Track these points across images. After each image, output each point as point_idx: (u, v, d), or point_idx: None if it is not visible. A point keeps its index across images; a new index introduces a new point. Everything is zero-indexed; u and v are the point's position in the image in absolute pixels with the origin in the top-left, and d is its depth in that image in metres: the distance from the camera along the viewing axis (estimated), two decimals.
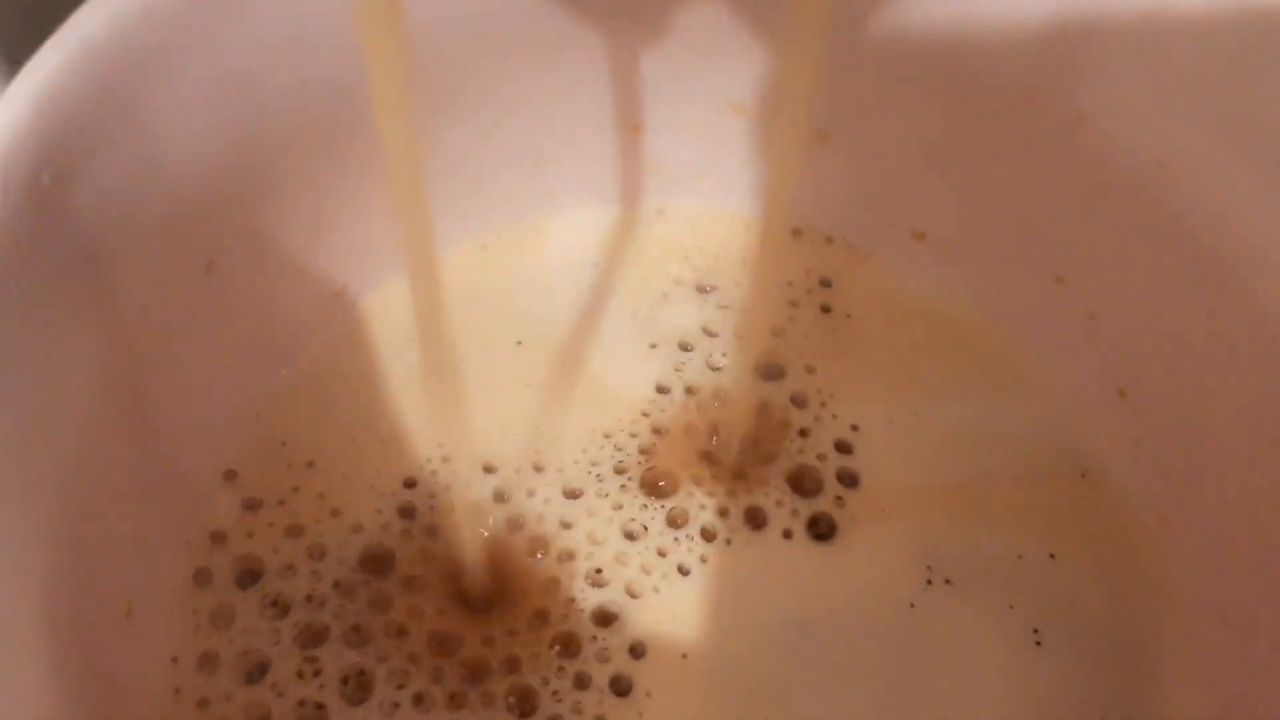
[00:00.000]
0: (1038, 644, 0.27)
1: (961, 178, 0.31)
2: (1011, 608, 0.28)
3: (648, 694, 0.26)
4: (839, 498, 0.29)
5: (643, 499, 0.29)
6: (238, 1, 0.24)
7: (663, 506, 0.29)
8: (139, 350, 0.25)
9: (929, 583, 0.28)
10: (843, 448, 0.30)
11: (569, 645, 0.27)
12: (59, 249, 0.22)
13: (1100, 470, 0.30)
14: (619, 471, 0.29)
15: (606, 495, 0.29)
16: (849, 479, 0.30)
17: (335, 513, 0.28)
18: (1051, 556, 0.29)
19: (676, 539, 0.28)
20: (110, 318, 0.24)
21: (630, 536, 0.28)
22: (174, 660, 0.26)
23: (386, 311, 0.32)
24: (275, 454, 0.29)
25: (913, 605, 0.28)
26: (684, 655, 0.27)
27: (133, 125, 0.23)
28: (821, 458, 0.30)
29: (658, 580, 0.28)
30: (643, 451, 0.30)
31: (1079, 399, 0.31)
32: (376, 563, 0.28)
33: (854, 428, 0.31)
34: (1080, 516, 0.30)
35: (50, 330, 0.22)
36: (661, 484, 0.29)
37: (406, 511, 0.28)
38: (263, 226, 0.28)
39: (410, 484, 0.29)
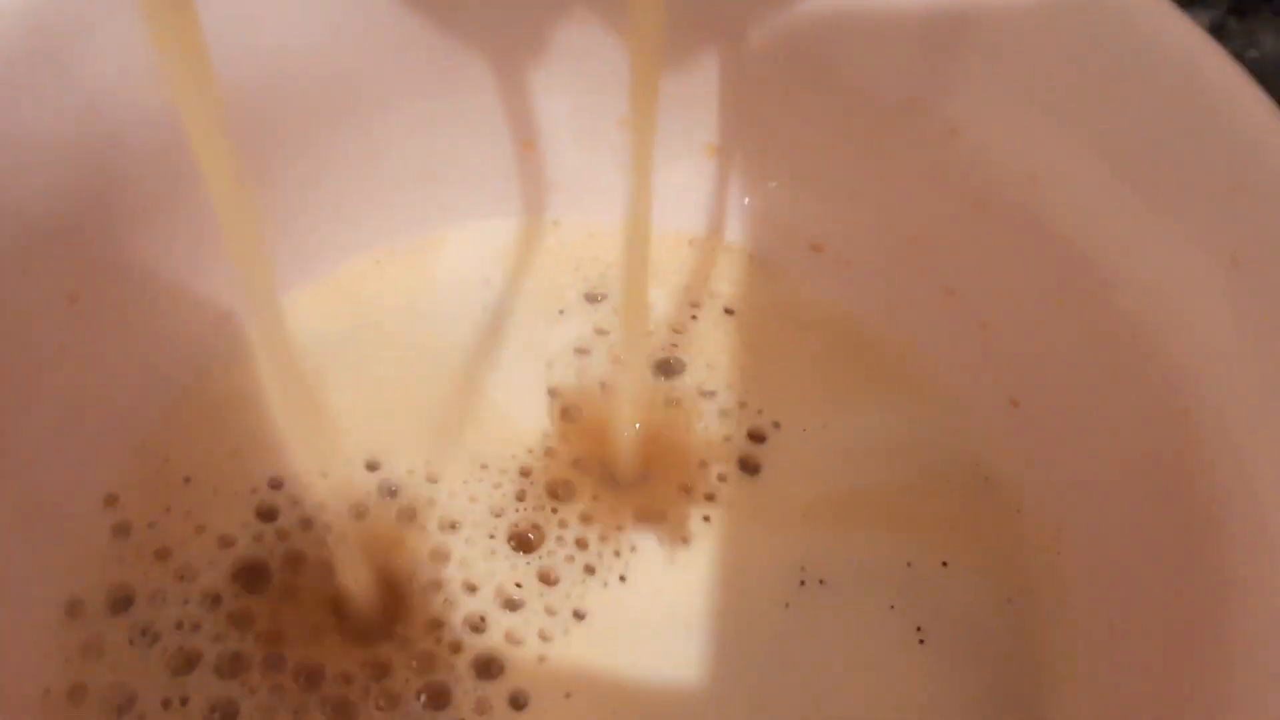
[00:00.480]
0: (921, 642, 0.28)
1: (851, 191, 0.31)
2: (892, 608, 0.28)
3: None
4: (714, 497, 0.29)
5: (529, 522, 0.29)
6: (81, 29, 0.24)
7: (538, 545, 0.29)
8: (3, 386, 0.25)
9: (801, 583, 0.28)
10: (741, 446, 0.30)
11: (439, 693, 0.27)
12: None
13: (997, 479, 0.30)
14: (513, 494, 0.29)
15: (492, 520, 0.29)
16: (738, 475, 0.30)
17: (204, 530, 0.28)
18: (944, 564, 0.29)
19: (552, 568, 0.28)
20: None
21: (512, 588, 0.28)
22: (46, 693, 0.26)
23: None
24: (155, 476, 0.29)
25: (787, 605, 0.28)
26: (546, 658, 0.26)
27: None
28: (707, 457, 0.30)
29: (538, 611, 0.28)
30: (523, 473, 0.30)
31: (975, 409, 0.31)
32: (249, 578, 0.28)
33: (753, 436, 0.31)
34: (976, 526, 0.30)
35: None
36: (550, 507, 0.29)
37: (280, 531, 0.28)
38: (134, 254, 0.28)
39: (275, 510, 0.29)
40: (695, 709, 0.27)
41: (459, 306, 0.33)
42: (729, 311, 0.33)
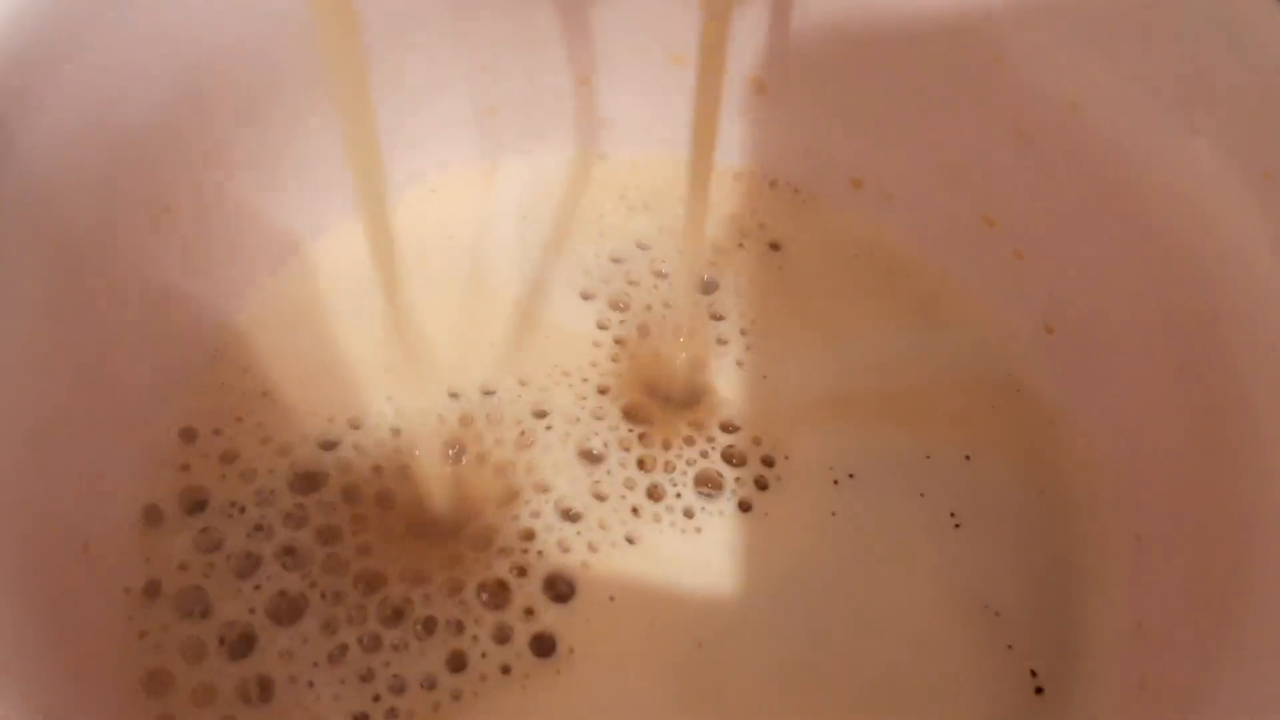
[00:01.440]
0: (956, 526, 0.30)
1: (893, 125, 0.33)
2: (923, 495, 0.30)
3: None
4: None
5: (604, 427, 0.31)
6: None
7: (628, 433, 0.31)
8: (91, 294, 0.27)
9: (835, 482, 0.30)
10: (769, 369, 0.32)
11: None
12: (3, 196, 0.23)
13: (1030, 392, 0.32)
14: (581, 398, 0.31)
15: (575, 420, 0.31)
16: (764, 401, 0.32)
17: (276, 443, 0.30)
18: (967, 458, 0.31)
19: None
20: (60, 260, 0.25)
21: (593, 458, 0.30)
22: (125, 591, 0.27)
23: (341, 256, 0.33)
24: (228, 390, 0.31)
25: (834, 514, 0.30)
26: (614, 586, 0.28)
27: (76, 72, 0.24)
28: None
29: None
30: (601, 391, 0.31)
31: (1010, 334, 0.33)
32: (311, 484, 0.29)
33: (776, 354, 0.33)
34: (1002, 425, 0.32)
35: (1, 278, 0.23)
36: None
37: (359, 438, 0.30)
38: (217, 173, 0.30)
39: (355, 423, 0.30)
40: (743, 606, 0.28)
41: (510, 233, 0.35)
42: (774, 246, 0.35)
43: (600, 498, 0.29)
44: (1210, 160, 0.26)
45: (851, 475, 0.30)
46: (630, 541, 0.29)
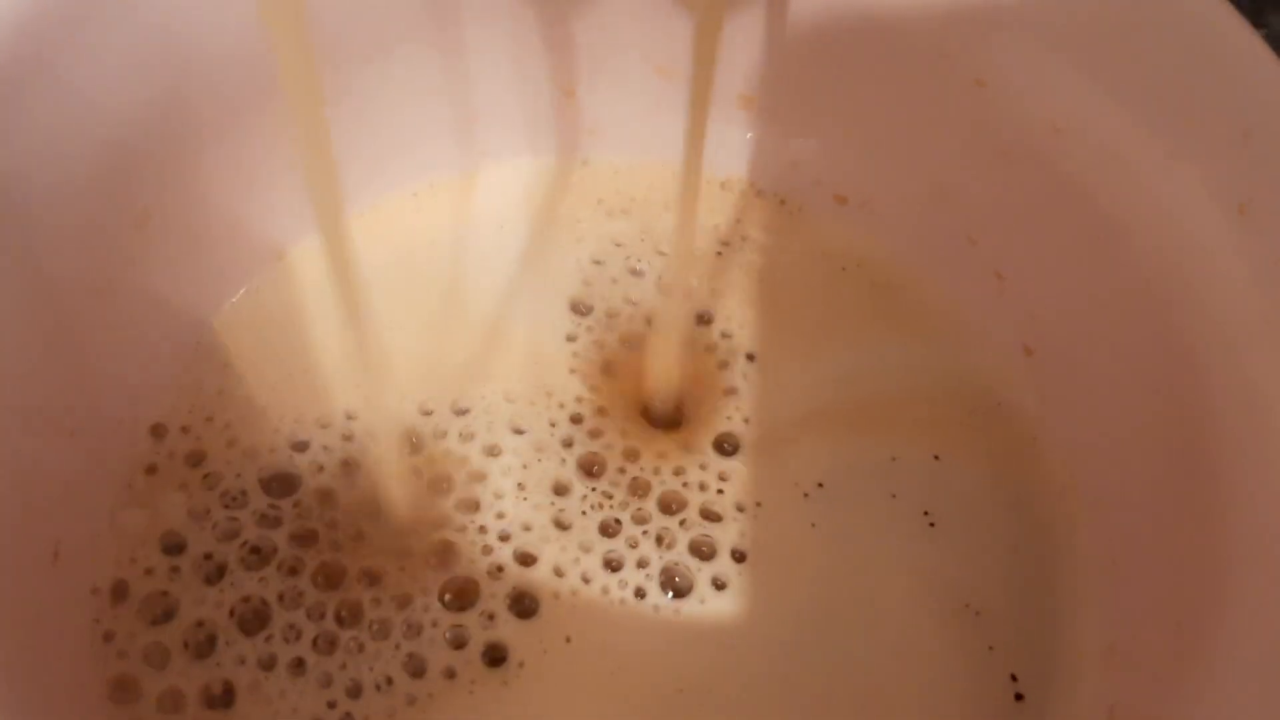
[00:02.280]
0: (931, 525, 0.30)
1: (877, 143, 0.33)
2: (894, 496, 0.30)
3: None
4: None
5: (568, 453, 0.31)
6: None
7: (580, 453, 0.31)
8: (69, 301, 0.27)
9: (805, 495, 0.30)
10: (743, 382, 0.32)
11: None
12: None
13: (1005, 406, 0.32)
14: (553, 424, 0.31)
15: (535, 448, 0.31)
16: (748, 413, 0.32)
17: (245, 450, 0.30)
18: (936, 458, 0.31)
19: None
20: (39, 267, 0.26)
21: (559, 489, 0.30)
22: (93, 592, 0.28)
23: (321, 262, 0.33)
24: (200, 397, 0.31)
25: (814, 525, 0.30)
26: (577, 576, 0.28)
27: (56, 79, 0.24)
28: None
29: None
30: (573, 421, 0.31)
31: (989, 355, 0.33)
32: (278, 489, 0.30)
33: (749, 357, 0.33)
34: (975, 433, 0.32)
35: None
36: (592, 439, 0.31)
37: (326, 442, 0.30)
38: (198, 180, 0.30)
39: (324, 424, 0.31)
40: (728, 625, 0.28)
41: (489, 239, 0.35)
42: (756, 256, 0.35)
43: (562, 526, 0.29)
44: (1189, 189, 0.26)
45: (821, 485, 0.30)
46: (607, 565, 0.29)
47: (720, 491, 0.30)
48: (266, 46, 0.25)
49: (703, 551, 0.29)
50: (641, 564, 0.29)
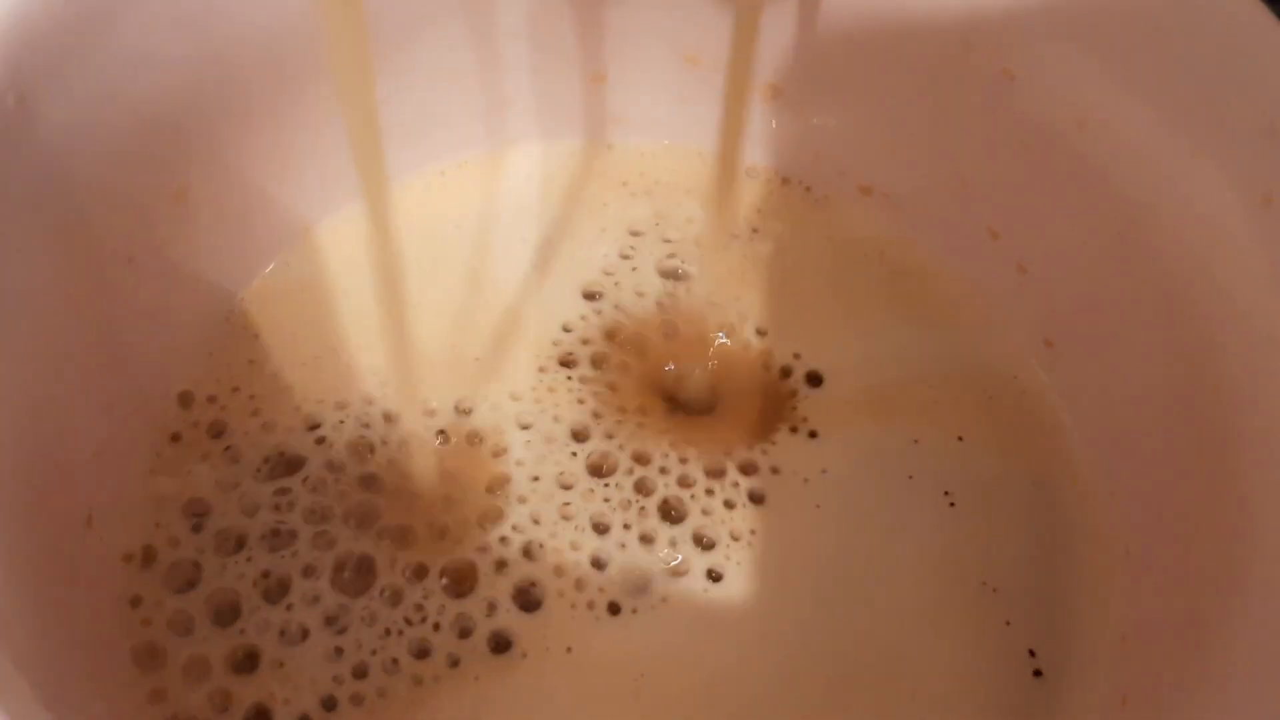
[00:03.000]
0: (951, 505, 0.30)
1: (905, 133, 0.33)
2: (911, 478, 0.30)
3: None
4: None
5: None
6: None
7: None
8: (106, 271, 0.27)
9: (824, 471, 0.31)
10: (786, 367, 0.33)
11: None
12: (25, 169, 0.24)
13: (1026, 395, 0.33)
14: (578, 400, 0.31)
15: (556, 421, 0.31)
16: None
17: (266, 423, 0.30)
18: (960, 439, 0.31)
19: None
20: (78, 239, 0.26)
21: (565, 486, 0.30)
22: (126, 559, 0.28)
23: (351, 238, 0.34)
24: (227, 369, 0.31)
25: (818, 506, 0.30)
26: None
27: (100, 53, 0.25)
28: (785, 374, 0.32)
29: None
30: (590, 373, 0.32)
31: (1009, 344, 0.33)
32: (295, 464, 0.30)
33: (796, 355, 0.33)
34: (997, 416, 0.32)
35: (15, 249, 0.24)
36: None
37: (346, 420, 0.31)
38: (234, 156, 0.30)
39: (343, 405, 0.31)
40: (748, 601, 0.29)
41: (512, 220, 0.35)
42: (778, 242, 0.35)
43: (568, 518, 0.30)
44: (1213, 184, 0.26)
45: (838, 468, 0.31)
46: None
47: (736, 484, 0.30)
48: (311, 23, 0.26)
49: (733, 534, 0.29)
50: (645, 538, 0.29)
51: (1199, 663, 0.24)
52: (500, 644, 0.28)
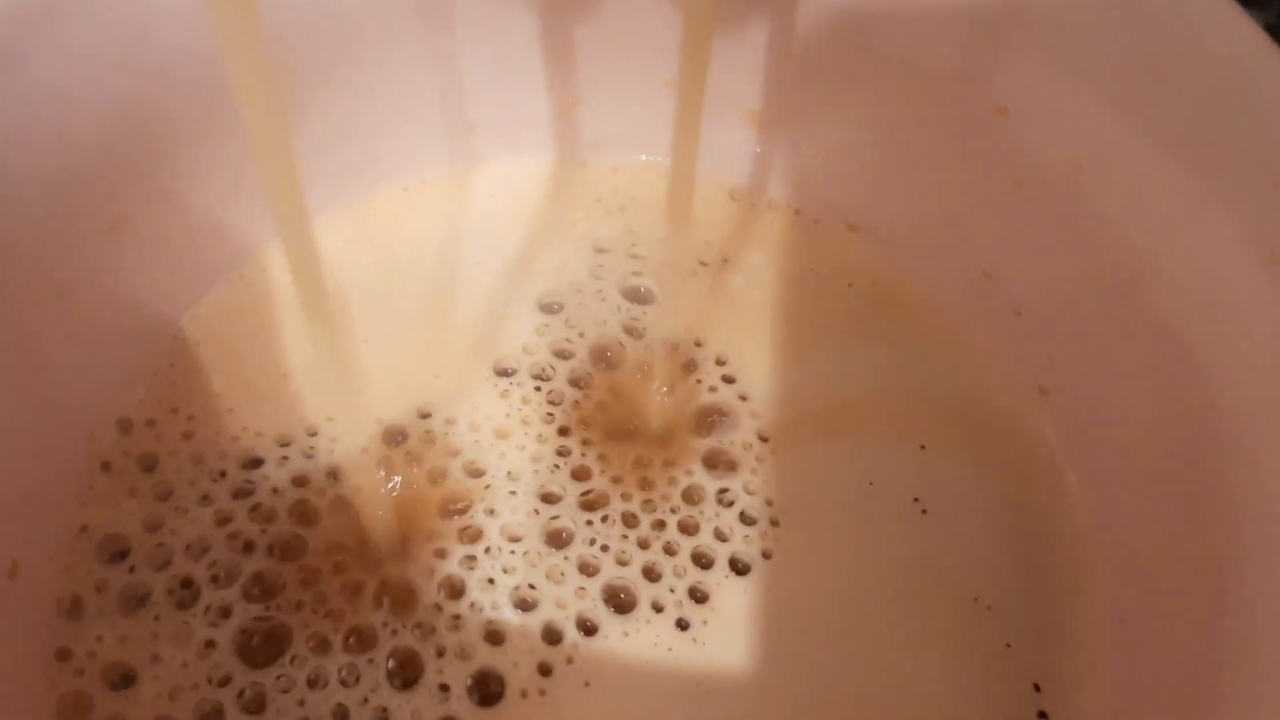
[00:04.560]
0: (924, 512, 0.29)
1: (893, 168, 0.32)
2: (871, 484, 0.29)
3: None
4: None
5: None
6: None
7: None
8: (33, 308, 0.26)
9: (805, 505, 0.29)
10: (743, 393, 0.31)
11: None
12: None
13: (1020, 437, 0.31)
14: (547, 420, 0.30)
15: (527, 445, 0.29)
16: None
17: (203, 459, 0.29)
18: (922, 448, 0.30)
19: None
20: (5, 265, 0.25)
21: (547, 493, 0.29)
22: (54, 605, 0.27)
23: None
24: (165, 402, 0.30)
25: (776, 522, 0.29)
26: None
27: (21, 73, 0.24)
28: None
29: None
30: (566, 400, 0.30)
31: (1003, 396, 0.31)
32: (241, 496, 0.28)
33: (727, 380, 0.31)
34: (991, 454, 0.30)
35: None
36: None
37: (288, 457, 0.29)
38: (175, 183, 0.29)
39: (284, 441, 0.29)
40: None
41: (481, 237, 0.34)
42: (754, 267, 0.34)
43: (555, 544, 0.28)
44: (1216, 234, 0.25)
45: (813, 496, 0.29)
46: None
47: (722, 504, 0.29)
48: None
49: (704, 561, 0.28)
50: (624, 564, 0.28)
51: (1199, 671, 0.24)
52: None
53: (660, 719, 0.26)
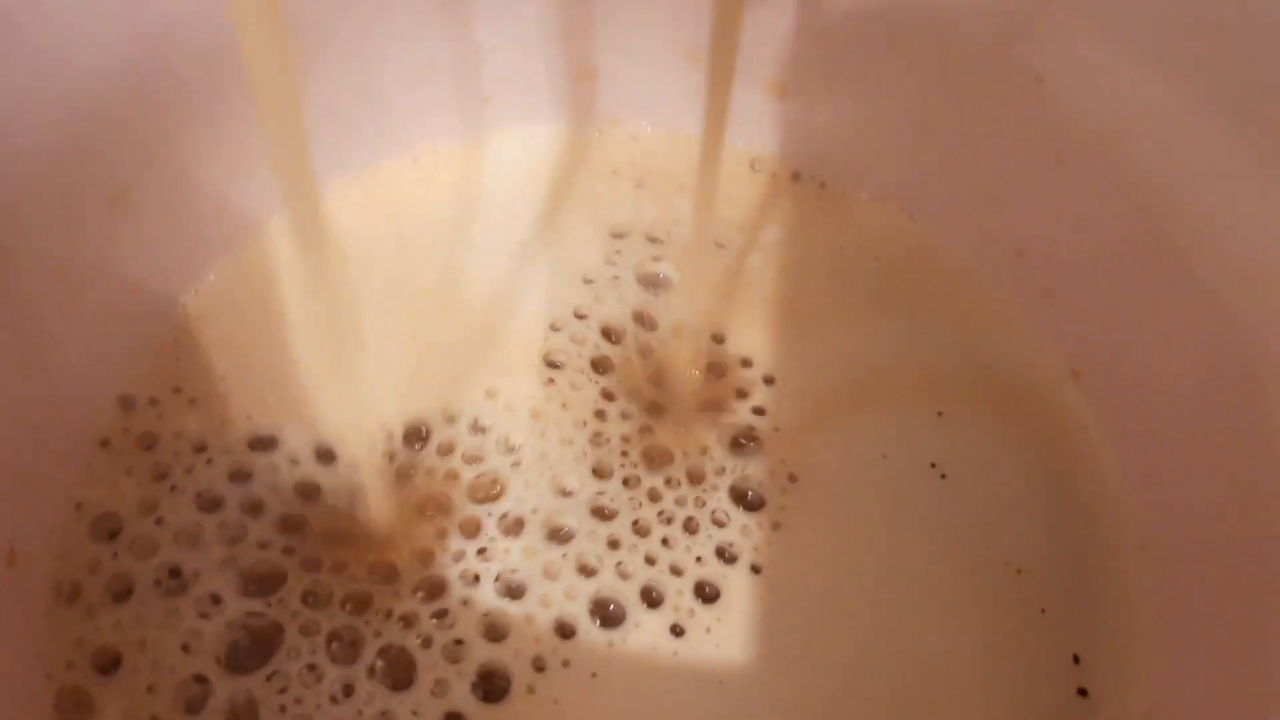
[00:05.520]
0: (943, 477, 0.28)
1: (925, 141, 0.31)
2: (884, 457, 0.28)
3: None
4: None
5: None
6: None
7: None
8: (35, 282, 0.25)
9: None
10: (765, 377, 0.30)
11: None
12: None
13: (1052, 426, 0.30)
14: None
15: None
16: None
17: (206, 444, 0.28)
18: (939, 414, 0.29)
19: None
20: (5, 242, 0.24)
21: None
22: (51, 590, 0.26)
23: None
24: (170, 383, 0.29)
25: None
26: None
27: (15, 42, 0.23)
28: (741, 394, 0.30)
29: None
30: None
31: (1036, 379, 0.30)
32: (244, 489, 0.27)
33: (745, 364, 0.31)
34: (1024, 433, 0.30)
35: None
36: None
37: (291, 444, 0.28)
38: (182, 155, 0.28)
39: (287, 423, 0.28)
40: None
41: (493, 210, 0.33)
42: (784, 239, 0.33)
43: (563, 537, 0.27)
44: (1265, 201, 0.24)
45: (837, 467, 0.28)
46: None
47: (732, 485, 0.28)
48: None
49: (724, 552, 0.27)
50: (651, 560, 0.27)
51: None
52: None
53: (682, 697, 0.25)
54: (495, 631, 0.26)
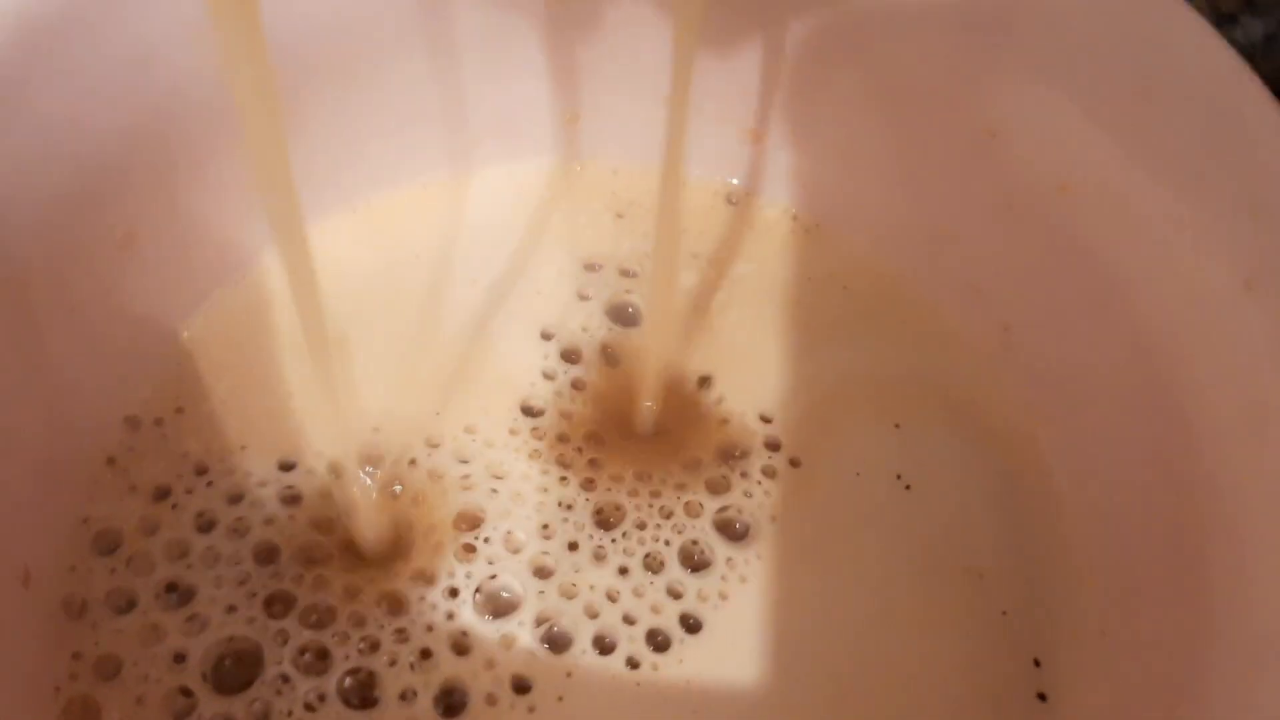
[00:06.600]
0: (907, 488, 0.30)
1: (892, 184, 0.32)
2: (858, 475, 0.30)
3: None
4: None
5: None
6: None
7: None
8: (49, 320, 0.27)
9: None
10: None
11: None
12: None
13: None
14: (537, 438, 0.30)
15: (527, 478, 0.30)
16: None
17: (209, 471, 0.29)
18: (896, 426, 0.31)
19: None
20: (13, 289, 0.25)
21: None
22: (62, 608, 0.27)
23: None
24: (172, 405, 0.30)
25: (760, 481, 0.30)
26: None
27: (24, 105, 0.24)
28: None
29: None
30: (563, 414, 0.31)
31: (995, 401, 0.32)
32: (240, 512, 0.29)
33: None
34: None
35: None
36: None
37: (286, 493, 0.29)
38: (187, 197, 0.30)
39: (287, 467, 0.30)
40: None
41: (478, 246, 0.34)
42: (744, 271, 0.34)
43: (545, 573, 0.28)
44: (1194, 258, 0.25)
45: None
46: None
47: (721, 508, 0.29)
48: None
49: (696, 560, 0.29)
50: (613, 597, 0.28)
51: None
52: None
53: None
54: (466, 648, 0.27)
